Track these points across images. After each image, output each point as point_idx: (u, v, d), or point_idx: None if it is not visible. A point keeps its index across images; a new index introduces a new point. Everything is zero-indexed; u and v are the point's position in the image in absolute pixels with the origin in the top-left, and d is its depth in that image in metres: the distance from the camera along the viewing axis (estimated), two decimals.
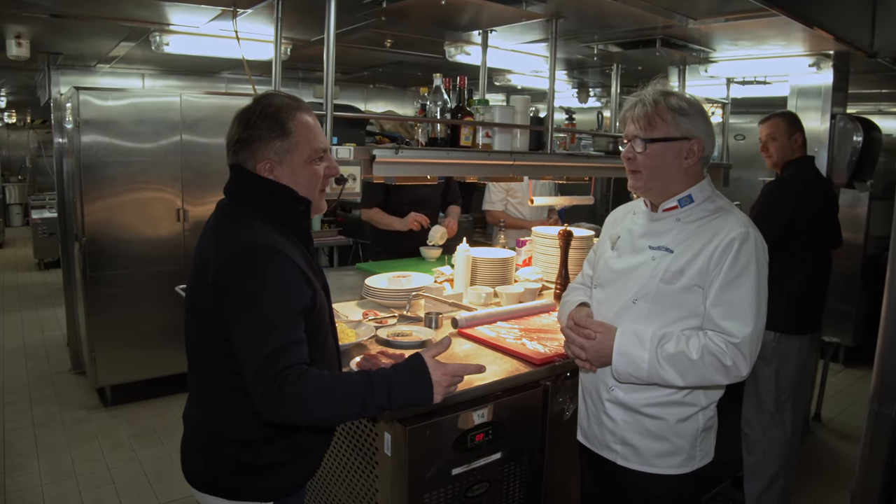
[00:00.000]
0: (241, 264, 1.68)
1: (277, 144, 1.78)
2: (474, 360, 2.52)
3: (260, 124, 1.77)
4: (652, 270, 2.00)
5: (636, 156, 2.02)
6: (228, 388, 1.77)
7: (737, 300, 1.89)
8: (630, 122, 2.04)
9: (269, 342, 1.62)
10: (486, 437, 2.34)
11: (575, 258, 3.65)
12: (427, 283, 3.30)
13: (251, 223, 1.77)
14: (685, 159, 2.00)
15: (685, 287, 1.94)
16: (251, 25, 3.78)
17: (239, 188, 1.84)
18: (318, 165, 1.86)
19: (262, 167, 1.79)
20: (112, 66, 5.97)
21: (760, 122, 3.77)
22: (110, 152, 4.82)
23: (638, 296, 2.01)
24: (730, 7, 3.20)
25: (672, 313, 1.97)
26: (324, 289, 1.91)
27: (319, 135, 1.87)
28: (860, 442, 4.46)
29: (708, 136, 2.02)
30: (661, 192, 2.05)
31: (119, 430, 4.67)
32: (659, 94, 2.01)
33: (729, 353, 1.87)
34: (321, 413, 1.64)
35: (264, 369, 1.59)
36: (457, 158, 3.06)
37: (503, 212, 5.18)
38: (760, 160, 6.61)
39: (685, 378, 1.90)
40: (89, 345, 4.97)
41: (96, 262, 4.89)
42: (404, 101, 8.08)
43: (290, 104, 1.82)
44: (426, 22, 3.47)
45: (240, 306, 1.66)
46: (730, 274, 1.90)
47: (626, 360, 1.94)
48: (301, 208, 1.85)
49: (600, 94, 7.30)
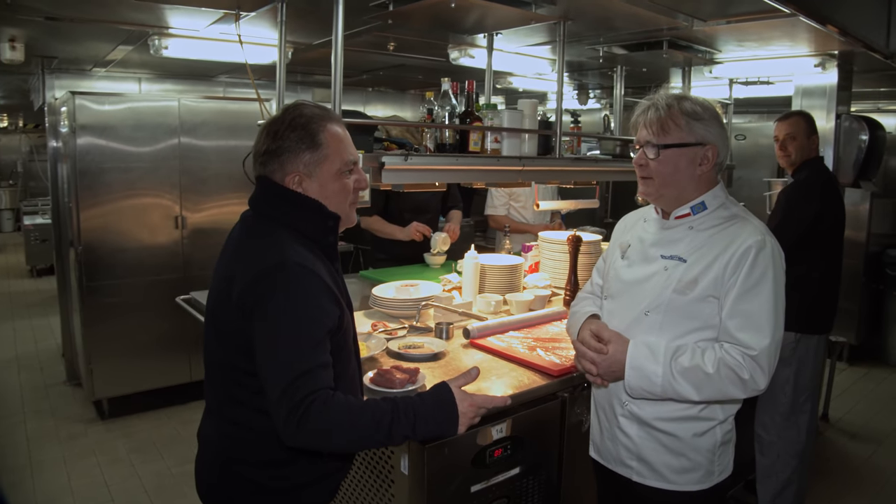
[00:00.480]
0: (270, 281, 1.62)
1: (307, 156, 1.73)
2: (487, 372, 2.48)
3: (289, 135, 1.72)
4: (664, 281, 1.94)
5: (648, 162, 1.95)
6: (249, 408, 1.71)
7: (754, 311, 1.83)
8: (642, 127, 1.97)
9: (295, 365, 1.57)
10: (504, 452, 2.28)
11: (584, 263, 3.59)
12: (436, 292, 3.23)
13: (279, 238, 1.71)
14: (699, 166, 1.93)
15: (699, 297, 1.88)
16: (252, 29, 3.72)
17: (265, 201, 1.79)
18: (348, 178, 1.81)
19: (290, 180, 1.74)
20: (108, 70, 5.88)
21: (778, 119, 3.71)
22: (107, 158, 4.73)
23: (650, 307, 1.95)
24: (741, 8, 3.15)
25: (686, 325, 1.91)
26: (348, 306, 1.85)
27: (350, 146, 1.81)
28: (869, 441, 4.47)
29: (723, 142, 1.95)
30: (674, 199, 1.98)
31: (117, 445, 4.57)
32: (672, 99, 1.95)
33: (746, 367, 1.81)
34: (345, 441, 1.61)
35: (289, 393, 1.54)
36: (466, 165, 3.00)
37: (506, 216, 5.12)
38: (762, 160, 6.68)
39: (701, 392, 1.84)
40: (86, 356, 4.88)
41: (93, 270, 4.80)
42: (403, 105, 8.01)
43: (321, 114, 1.77)
44: (432, 24, 3.41)
45: (266, 325, 1.61)
46: (746, 283, 1.84)
47: (639, 375, 1.88)
48: (330, 223, 1.79)
49: (600, 95, 7.26)
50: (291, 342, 1.59)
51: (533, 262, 4.04)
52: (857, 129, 4.44)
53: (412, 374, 2.27)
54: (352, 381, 1.87)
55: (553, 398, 2.44)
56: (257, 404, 1.65)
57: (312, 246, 1.76)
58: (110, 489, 4.00)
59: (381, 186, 2.79)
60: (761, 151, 6.54)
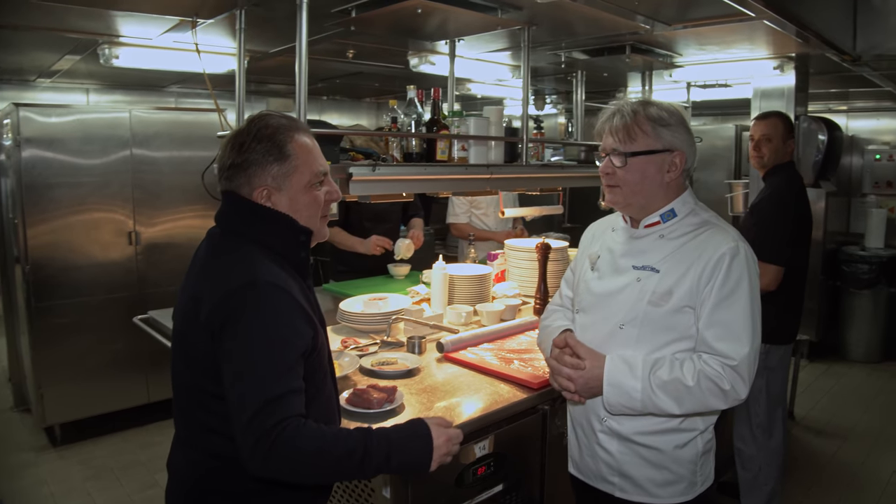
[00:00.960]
0: (239, 301, 1.54)
1: (275, 169, 1.65)
2: (465, 386, 2.41)
3: (256, 147, 1.64)
4: (638, 293, 1.89)
5: (615, 170, 1.90)
6: (222, 436, 1.60)
7: (731, 320, 1.80)
8: (608, 135, 1.92)
9: (265, 390, 1.48)
10: (487, 469, 2.21)
11: (552, 271, 3.55)
12: (405, 305, 3.15)
13: (248, 255, 1.62)
14: (667, 172, 1.89)
15: (675, 309, 1.84)
16: (207, 37, 3.60)
17: (233, 216, 1.70)
18: (318, 190, 1.73)
19: (258, 194, 1.66)
20: (53, 81, 5.67)
21: (756, 118, 3.64)
22: (55, 172, 4.53)
23: (625, 320, 1.90)
24: (705, 11, 3.15)
25: (662, 337, 1.86)
26: (322, 325, 1.76)
27: (319, 157, 1.73)
28: (834, 437, 4.50)
29: (690, 148, 1.92)
30: (643, 207, 1.94)
31: (72, 473, 4.34)
32: (638, 105, 1.91)
33: (727, 377, 1.77)
34: (314, 472, 1.54)
35: (258, 421, 1.45)
36: (434, 174, 2.93)
37: (468, 224, 5.06)
38: (719, 161, 6.76)
39: (682, 406, 1.79)
40: (35, 379, 4.65)
41: (42, 289, 4.58)
42: (359, 114, 7.92)
43: (288, 125, 1.68)
44: (394, 31, 3.33)
45: (235, 347, 1.52)
46: (722, 292, 1.80)
47: (618, 391, 1.83)
48: (302, 238, 1.72)
49: (556, 100, 7.26)
50: (261, 365, 1.51)
51: (499, 271, 3.99)
52: (815, 130, 4.49)
53: (390, 393, 2.19)
54: (328, 403, 1.79)
55: (533, 412, 2.38)
56: (230, 431, 1.55)
57: (283, 262, 1.68)
58: None
59: (347, 198, 2.71)
60: (718, 153, 6.63)
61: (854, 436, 4.91)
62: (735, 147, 6.63)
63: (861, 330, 6.56)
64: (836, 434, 4.94)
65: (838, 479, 4.28)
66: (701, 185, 6.78)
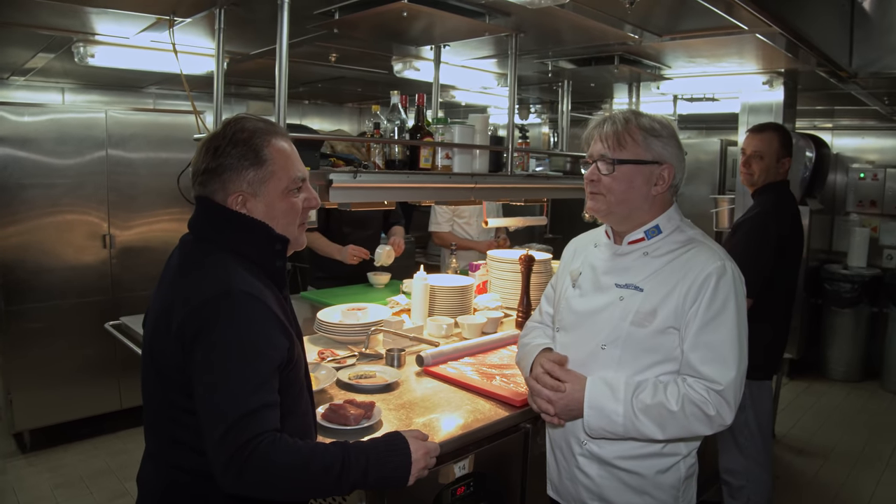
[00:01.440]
0: (212, 311, 1.46)
1: (251, 174, 1.58)
2: (445, 402, 2.34)
3: (231, 151, 1.57)
4: (621, 312, 1.82)
5: (601, 177, 1.84)
6: (191, 450, 1.53)
7: (717, 342, 1.73)
8: (597, 141, 1.86)
9: (239, 404, 1.41)
10: (467, 489, 2.13)
11: (536, 283, 3.49)
12: (385, 316, 3.07)
13: (222, 263, 1.55)
14: (654, 185, 1.83)
15: (659, 330, 1.77)
16: (185, 37, 3.50)
17: (206, 223, 1.63)
18: (296, 197, 1.65)
19: (233, 200, 1.59)
20: (27, 79, 5.53)
21: (749, 130, 3.41)
22: (27, 173, 4.41)
23: (607, 341, 1.83)
24: (698, 23, 3.09)
25: (646, 359, 1.80)
26: (298, 337, 1.68)
27: (297, 162, 1.66)
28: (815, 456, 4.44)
29: (679, 163, 1.86)
30: (625, 218, 1.87)
31: (41, 481, 4.21)
32: (630, 113, 1.85)
33: (712, 402, 1.71)
34: (290, 488, 1.46)
35: (231, 436, 1.38)
36: (417, 182, 2.85)
37: (451, 233, 4.99)
38: (703, 175, 6.72)
39: (665, 431, 1.73)
40: (4, 384, 4.52)
41: (12, 292, 4.45)
42: (341, 119, 7.83)
43: (265, 128, 1.62)
44: (378, 35, 3.26)
45: (207, 359, 1.45)
46: (708, 313, 1.74)
47: (599, 414, 1.76)
48: (278, 247, 1.64)
49: (541, 110, 7.21)
50: (235, 378, 1.43)
51: (481, 282, 3.91)
52: (803, 147, 4.47)
53: (367, 409, 2.11)
54: (304, 418, 1.72)
55: (515, 430, 2.30)
56: (201, 446, 1.47)
57: (258, 271, 1.61)
58: None
59: (327, 205, 2.63)
60: (703, 168, 6.58)
61: (835, 455, 4.87)
62: (720, 161, 6.58)
63: (842, 349, 6.54)
64: (817, 453, 4.90)
65: (820, 500, 4.24)
66: (685, 200, 6.74)
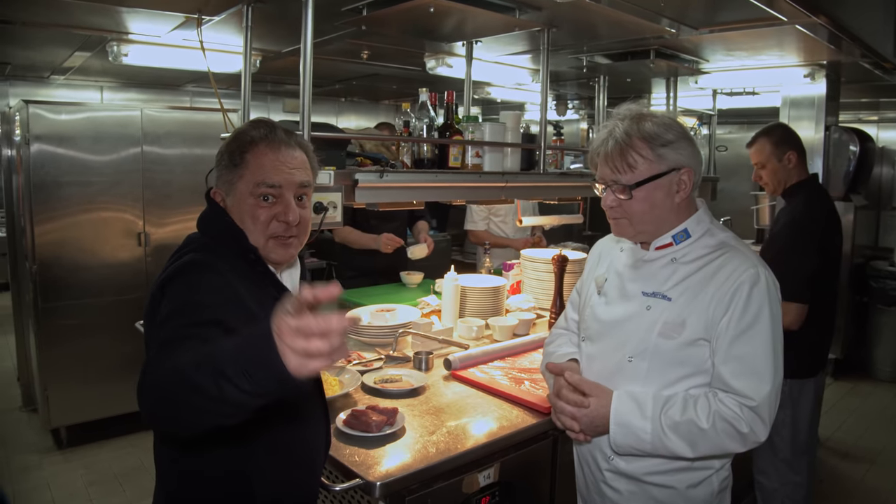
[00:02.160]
0: (171, 282, 1.48)
1: (225, 174, 1.64)
2: (472, 408, 2.29)
3: (223, 150, 1.65)
4: (648, 323, 1.73)
5: (620, 202, 1.72)
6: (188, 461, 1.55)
7: (750, 355, 1.63)
8: (603, 164, 1.73)
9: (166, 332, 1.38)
10: (492, 499, 2.08)
11: (569, 284, 3.41)
12: (413, 318, 3.03)
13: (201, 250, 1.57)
14: (676, 193, 1.71)
15: (688, 342, 1.68)
16: (217, 35, 3.50)
17: (203, 218, 1.69)
18: (261, 206, 1.59)
19: (214, 193, 1.68)
20: (67, 78, 5.62)
21: (747, 145, 3.30)
22: (64, 171, 4.46)
23: (633, 353, 1.74)
24: (735, 15, 3.00)
25: (675, 372, 1.71)
26: None
27: (272, 172, 1.58)
28: (861, 461, 4.29)
29: (696, 161, 1.73)
30: (653, 233, 1.77)
31: (75, 477, 4.26)
32: (630, 123, 1.70)
33: (745, 419, 1.61)
34: (165, 404, 1.26)
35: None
36: (446, 181, 2.80)
37: (486, 231, 4.94)
38: (744, 171, 6.47)
39: (696, 449, 1.64)
40: (41, 381, 4.59)
41: (49, 290, 4.51)
42: (377, 116, 7.81)
43: (263, 137, 1.61)
44: (408, 32, 3.21)
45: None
46: (740, 325, 1.63)
47: (625, 432, 1.67)
48: (251, 257, 1.60)
49: (578, 106, 7.11)
50: (175, 318, 1.40)
51: (514, 282, 3.85)
52: (847, 141, 4.32)
53: (390, 416, 2.07)
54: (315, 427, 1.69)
55: (544, 437, 2.24)
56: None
57: (248, 271, 1.58)
58: None
59: (353, 205, 2.59)
60: (743, 163, 6.36)
61: (883, 459, 4.71)
62: None
63: (888, 348, 6.33)
64: (863, 457, 4.74)
65: None
66: (725, 196, 6.58)
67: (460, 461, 1.97)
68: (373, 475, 1.80)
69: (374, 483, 1.77)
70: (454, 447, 1.99)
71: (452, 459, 1.95)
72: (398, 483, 1.82)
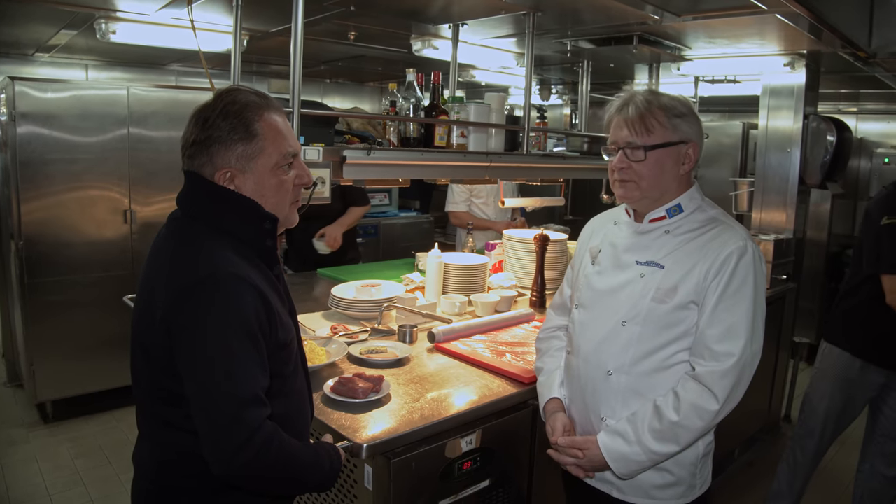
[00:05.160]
0: (197, 295, 1.42)
1: (240, 149, 1.52)
2: (454, 378, 2.36)
3: (220, 124, 1.51)
4: (641, 289, 1.84)
5: (631, 164, 1.83)
6: (185, 433, 1.50)
7: (731, 321, 1.75)
8: (622, 126, 1.84)
9: (240, 390, 1.41)
10: (473, 464, 2.15)
11: (550, 263, 3.50)
12: (398, 293, 3.09)
13: (209, 244, 1.50)
14: (682, 165, 1.84)
15: (679, 305, 1.79)
16: (205, 14, 3.52)
17: (193, 200, 1.57)
18: (286, 175, 1.59)
19: (221, 175, 1.53)
20: (52, 56, 5.60)
21: None
22: (50, 148, 4.47)
23: (627, 317, 1.84)
24: (716, 3, 3.06)
25: (665, 335, 1.81)
26: (292, 314, 1.69)
27: (290, 138, 1.60)
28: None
29: (701, 140, 1.87)
30: (656, 201, 1.88)
31: (61, 450, 4.31)
32: (649, 94, 1.85)
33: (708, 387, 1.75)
34: (284, 479, 1.54)
35: (239, 423, 1.40)
36: (432, 160, 2.87)
37: (468, 213, 5.00)
38: (724, 158, 6.67)
39: (681, 442, 1.78)
40: (27, 356, 4.61)
41: (35, 266, 4.53)
42: (362, 98, 7.83)
43: (258, 102, 1.56)
44: (396, 13, 3.27)
45: (198, 345, 1.42)
46: (727, 291, 1.76)
47: (623, 463, 1.81)
48: (266, 226, 1.58)
49: (562, 91, 7.17)
50: (233, 363, 1.41)
51: (497, 261, 3.93)
52: (824, 130, 4.40)
53: (376, 383, 2.14)
54: (299, 396, 1.71)
55: (524, 406, 2.32)
56: (190, 426, 1.46)
57: (248, 251, 1.56)
58: (52, 498, 3.76)
59: (341, 182, 2.65)
60: (724, 151, 6.53)
61: (851, 440, 4.80)
62: (742, 144, 6.52)
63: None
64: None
65: (834, 483, 4.22)
66: (706, 182, 6.68)
67: (443, 427, 2.04)
68: (359, 438, 1.87)
69: (360, 445, 1.84)
70: (438, 413, 2.06)
71: (436, 425, 2.02)
72: (384, 446, 1.89)
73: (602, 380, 1.88)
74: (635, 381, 1.84)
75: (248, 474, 1.44)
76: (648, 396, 1.82)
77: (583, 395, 1.95)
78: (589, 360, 1.92)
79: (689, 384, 1.77)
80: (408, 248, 4.25)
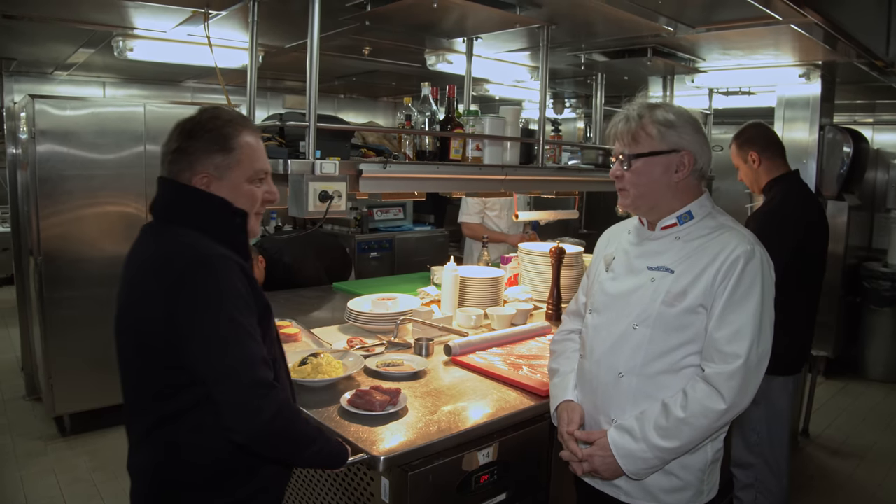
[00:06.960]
0: (193, 279, 1.56)
1: (219, 159, 1.66)
2: (471, 391, 2.36)
3: (203, 136, 1.66)
4: (652, 293, 1.88)
5: (623, 173, 1.92)
6: (176, 423, 1.62)
7: (739, 322, 1.78)
8: (616, 139, 1.94)
9: (253, 354, 1.56)
10: (490, 477, 2.14)
11: (566, 276, 3.48)
12: (414, 306, 3.09)
13: (193, 237, 1.63)
14: (675, 173, 1.88)
15: (689, 309, 1.82)
16: (221, 31, 3.56)
17: (170, 203, 1.71)
18: (258, 188, 1.75)
19: (198, 180, 1.66)
20: (70, 74, 5.68)
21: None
22: (68, 165, 4.52)
23: (638, 321, 1.88)
24: (731, 14, 3.06)
25: (675, 338, 1.84)
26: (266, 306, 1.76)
27: (263, 157, 1.76)
28: (850, 457, 4.35)
29: (699, 148, 1.90)
30: (652, 209, 1.94)
31: (78, 463, 4.34)
32: (645, 108, 1.92)
33: (717, 389, 1.77)
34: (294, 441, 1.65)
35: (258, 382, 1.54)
36: (447, 173, 2.87)
37: (481, 225, 5.00)
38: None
39: (686, 441, 1.79)
40: (46, 370, 4.65)
41: (53, 281, 4.57)
42: (376, 113, 7.87)
43: (238, 120, 1.72)
44: (410, 27, 3.28)
45: (207, 317, 1.55)
46: (735, 294, 1.79)
47: (632, 460, 1.82)
48: (238, 221, 1.72)
49: (576, 104, 7.17)
50: (240, 330, 1.55)
51: (512, 275, 3.92)
52: (840, 141, 4.39)
53: (393, 396, 2.13)
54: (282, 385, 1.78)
55: (541, 419, 2.31)
56: (192, 421, 1.60)
57: (224, 246, 1.67)
58: None
59: (357, 195, 2.66)
60: None
61: (872, 456, 4.79)
62: None
63: (880, 348, 6.40)
64: (852, 454, 4.81)
65: (855, 500, 4.17)
66: (721, 195, 6.64)
67: (460, 440, 2.03)
68: (377, 450, 1.87)
69: (378, 458, 1.84)
70: (454, 426, 2.06)
71: (453, 438, 2.02)
72: (401, 458, 1.89)
73: (613, 382, 1.91)
74: (645, 383, 1.87)
75: (271, 430, 1.54)
76: (658, 398, 1.84)
77: (594, 397, 1.97)
78: (601, 363, 1.95)
79: (699, 385, 1.80)
80: (422, 263, 4.25)
